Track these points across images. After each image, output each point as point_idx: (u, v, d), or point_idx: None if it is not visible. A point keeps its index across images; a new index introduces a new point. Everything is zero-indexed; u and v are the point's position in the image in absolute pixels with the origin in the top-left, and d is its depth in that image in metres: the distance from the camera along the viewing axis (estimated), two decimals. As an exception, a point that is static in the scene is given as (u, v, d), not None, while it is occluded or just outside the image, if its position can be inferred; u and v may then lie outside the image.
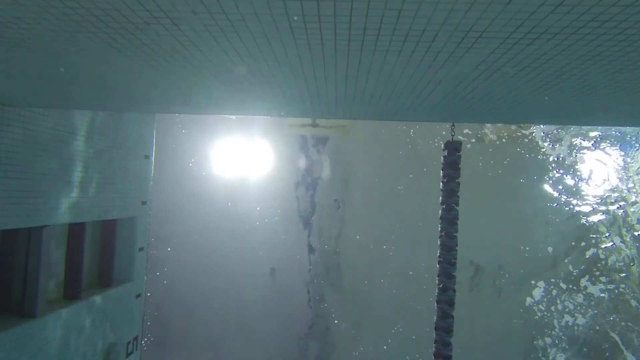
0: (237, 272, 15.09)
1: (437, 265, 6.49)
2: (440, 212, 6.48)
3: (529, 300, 15.22)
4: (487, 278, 15.14)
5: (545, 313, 15.21)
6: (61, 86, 4.49)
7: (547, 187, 15.54)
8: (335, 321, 15.55)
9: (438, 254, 6.49)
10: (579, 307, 15.16)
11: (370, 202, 15.43)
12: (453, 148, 6.40)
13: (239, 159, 15.08)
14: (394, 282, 15.20)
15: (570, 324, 15.14)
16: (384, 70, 3.30)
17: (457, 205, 6.42)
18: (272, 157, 15.24)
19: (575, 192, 15.57)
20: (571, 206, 15.53)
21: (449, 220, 6.40)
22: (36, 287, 6.37)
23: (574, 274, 15.25)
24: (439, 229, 6.51)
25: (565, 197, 15.58)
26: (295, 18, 2.85)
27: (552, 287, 15.22)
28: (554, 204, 15.52)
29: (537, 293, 15.19)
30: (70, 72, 3.81)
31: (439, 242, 6.51)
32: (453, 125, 6.46)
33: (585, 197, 15.49)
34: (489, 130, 15.04)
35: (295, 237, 15.58)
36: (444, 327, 6.34)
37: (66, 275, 7.59)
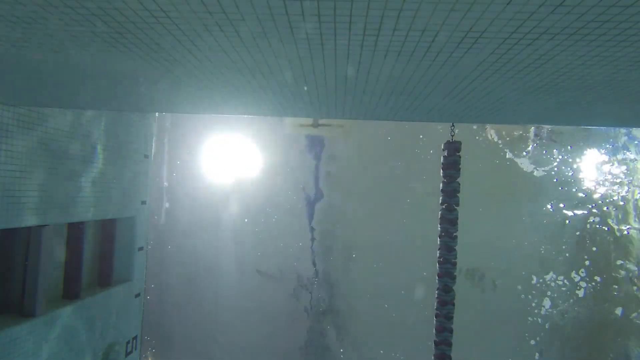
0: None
1: (437, 266, 6.49)
2: (440, 212, 6.48)
3: (520, 287, 15.19)
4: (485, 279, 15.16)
5: (537, 299, 15.23)
6: (61, 86, 4.49)
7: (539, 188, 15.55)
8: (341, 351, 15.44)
9: (438, 255, 6.49)
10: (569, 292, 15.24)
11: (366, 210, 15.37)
12: (453, 148, 6.40)
13: (231, 160, 14.96)
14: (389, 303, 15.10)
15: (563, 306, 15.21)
16: (384, 70, 3.30)
17: (457, 205, 6.42)
18: (269, 159, 15.15)
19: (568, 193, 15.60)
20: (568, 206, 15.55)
21: (450, 220, 6.40)
22: (36, 287, 6.37)
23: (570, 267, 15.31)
24: (439, 229, 6.51)
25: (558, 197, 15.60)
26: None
27: (546, 277, 15.26)
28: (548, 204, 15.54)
29: (531, 283, 15.20)
30: (70, 72, 3.81)
31: (439, 242, 6.51)
32: (453, 125, 6.46)
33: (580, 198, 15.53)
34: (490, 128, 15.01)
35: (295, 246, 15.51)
36: (449, 329, 6.34)
37: (66, 274, 7.59)
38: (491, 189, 14.75)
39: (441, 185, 6.45)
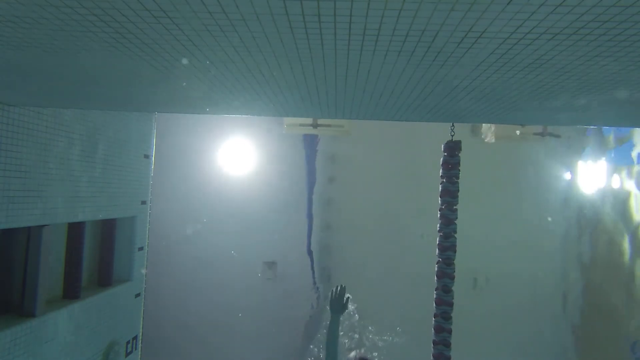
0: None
1: (435, 266, 6.50)
2: (439, 213, 6.49)
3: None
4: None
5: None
6: (60, 86, 4.49)
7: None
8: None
9: (437, 254, 6.50)
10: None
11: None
12: (453, 148, 6.41)
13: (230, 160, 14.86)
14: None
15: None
16: (384, 70, 3.30)
17: (456, 205, 6.43)
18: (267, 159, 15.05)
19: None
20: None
21: (448, 220, 6.41)
22: (35, 287, 6.36)
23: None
24: (438, 229, 6.52)
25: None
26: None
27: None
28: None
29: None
30: (70, 72, 3.81)
31: (437, 241, 6.52)
32: (453, 125, 6.47)
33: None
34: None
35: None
36: (447, 329, 6.35)
37: (66, 274, 7.59)
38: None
39: (440, 185, 6.47)
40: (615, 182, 14.60)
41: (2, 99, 5.26)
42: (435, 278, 6.48)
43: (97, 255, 8.73)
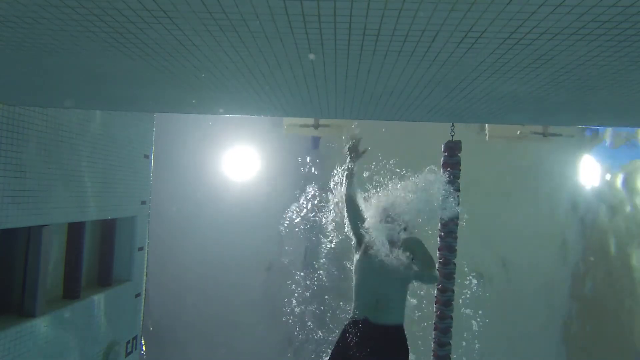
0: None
1: (437, 266, 6.49)
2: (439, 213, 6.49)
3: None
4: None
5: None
6: (60, 86, 4.49)
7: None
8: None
9: (438, 255, 6.50)
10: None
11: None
12: (453, 148, 6.41)
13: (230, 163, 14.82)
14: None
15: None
16: (384, 70, 3.30)
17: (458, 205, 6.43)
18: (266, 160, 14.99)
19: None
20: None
21: (451, 220, 6.41)
22: (35, 287, 6.36)
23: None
24: (439, 229, 6.52)
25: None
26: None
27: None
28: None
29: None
30: (70, 72, 3.81)
31: (438, 241, 6.53)
32: (453, 125, 6.47)
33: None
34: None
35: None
36: (443, 327, 6.35)
37: (66, 274, 7.59)
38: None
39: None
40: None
41: (2, 99, 5.26)
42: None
43: (97, 255, 8.72)
